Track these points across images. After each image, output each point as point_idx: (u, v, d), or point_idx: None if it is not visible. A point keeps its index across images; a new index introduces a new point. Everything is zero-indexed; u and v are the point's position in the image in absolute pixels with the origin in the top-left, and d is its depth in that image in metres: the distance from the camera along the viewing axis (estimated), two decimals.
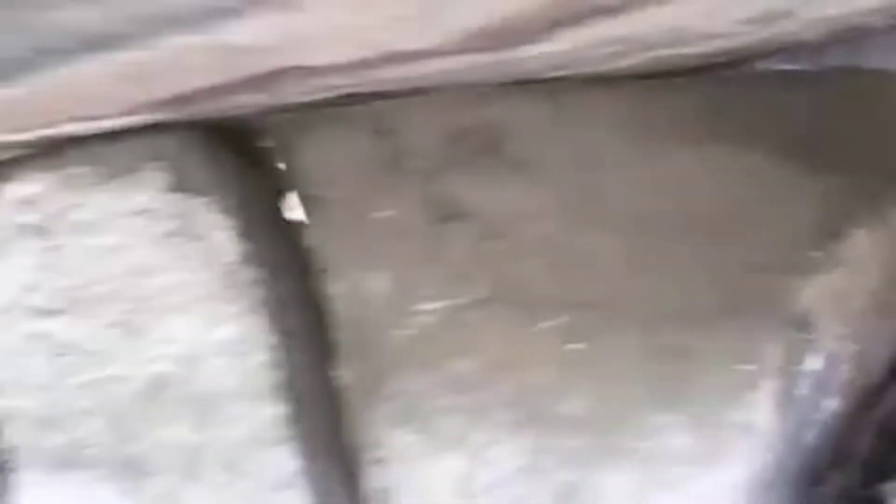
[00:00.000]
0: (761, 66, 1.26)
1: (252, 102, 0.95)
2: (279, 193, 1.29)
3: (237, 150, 1.27)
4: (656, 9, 0.61)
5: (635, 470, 0.81)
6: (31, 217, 1.20)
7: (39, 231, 1.20)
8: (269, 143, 1.29)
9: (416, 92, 1.11)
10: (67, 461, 1.19)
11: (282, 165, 1.27)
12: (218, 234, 1.12)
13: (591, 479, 0.84)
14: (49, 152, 1.22)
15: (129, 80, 0.69)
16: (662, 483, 0.80)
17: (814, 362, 0.90)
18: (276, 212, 1.27)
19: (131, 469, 1.14)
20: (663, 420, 0.80)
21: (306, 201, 1.15)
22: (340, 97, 1.07)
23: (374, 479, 0.98)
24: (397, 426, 0.94)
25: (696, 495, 0.80)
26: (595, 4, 0.59)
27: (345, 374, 1.05)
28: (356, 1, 0.51)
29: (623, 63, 1.04)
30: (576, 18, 0.64)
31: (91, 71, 0.66)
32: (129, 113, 0.94)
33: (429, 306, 1.00)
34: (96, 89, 0.74)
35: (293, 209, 1.24)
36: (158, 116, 1.08)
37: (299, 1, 0.46)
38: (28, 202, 1.21)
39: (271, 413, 1.03)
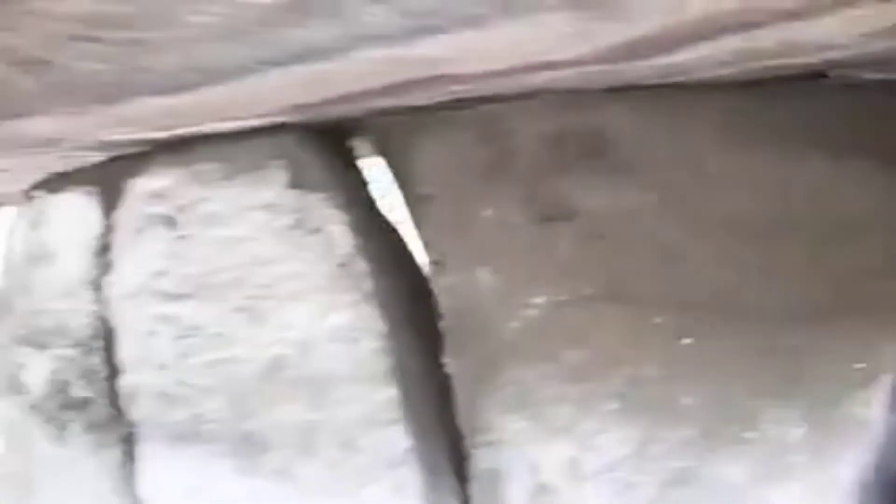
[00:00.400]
0: (859, 74, 1.28)
1: (380, 105, 1.02)
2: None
3: (337, 150, 1.36)
4: (801, 24, 0.65)
5: (747, 461, 0.85)
6: (160, 209, 1.31)
7: (169, 222, 1.30)
8: (367, 143, 1.37)
9: (523, 96, 1.17)
10: (188, 435, 1.29)
11: (378, 164, 1.36)
12: (333, 227, 1.20)
13: (701, 468, 0.88)
14: (177, 149, 1.32)
15: (298, 87, 0.77)
16: (774, 474, 0.84)
17: None
18: (374, 208, 1.35)
19: (248, 444, 1.23)
20: (776, 413, 0.84)
21: (415, 199, 1.22)
22: (451, 101, 1.14)
23: (483, 460, 1.04)
24: (509, 412, 1.00)
25: (807, 488, 0.83)
26: (743, 21, 0.64)
27: (453, 362, 1.11)
28: (535, 20, 0.57)
29: (728, 71, 1.08)
30: (717, 33, 0.68)
31: (269, 80, 0.73)
32: (271, 115, 1.02)
33: (537, 300, 1.06)
34: (261, 95, 0.82)
35: (393, 207, 1.32)
36: (290, 118, 1.17)
37: (496, 18, 0.52)
38: (158, 195, 1.32)
39: (383, 396, 1.11)
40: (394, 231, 1.36)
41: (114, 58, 0.63)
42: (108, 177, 1.40)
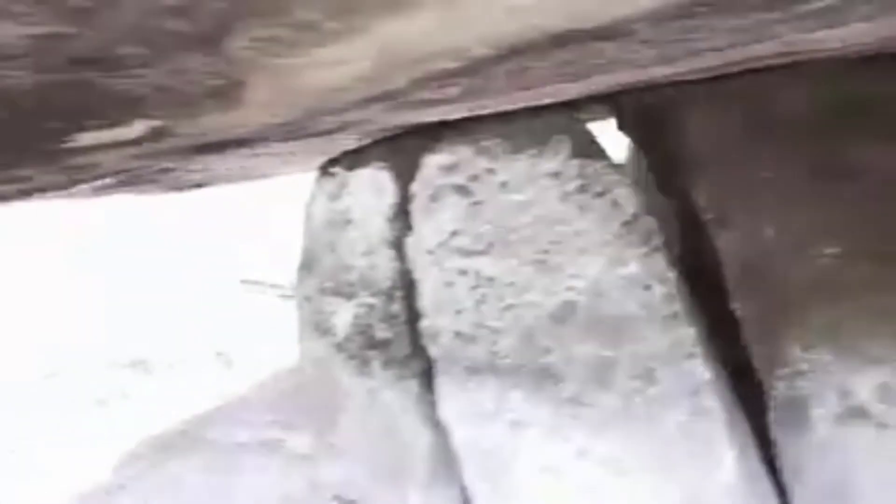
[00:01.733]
0: None
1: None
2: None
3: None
4: None
5: None
6: (454, 179, 1.54)
7: (462, 190, 1.53)
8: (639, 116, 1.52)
9: (789, 66, 1.27)
10: (484, 369, 1.52)
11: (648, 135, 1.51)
12: (618, 190, 1.38)
13: None
14: (462, 128, 1.54)
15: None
16: None
17: None
18: (645, 172, 1.51)
19: (542, 377, 1.45)
20: None
21: (694, 165, 1.36)
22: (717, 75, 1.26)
23: (786, 389, 1.18)
24: (814, 347, 1.14)
25: None
26: None
27: (743, 306, 1.26)
28: None
29: None
30: None
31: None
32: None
33: (829, 251, 1.18)
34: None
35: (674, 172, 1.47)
36: (574, 95, 1.34)
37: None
38: (450, 168, 1.55)
39: (681, 334, 1.27)
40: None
41: None
42: (400, 153, 1.65)
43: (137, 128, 1.07)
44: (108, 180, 2.11)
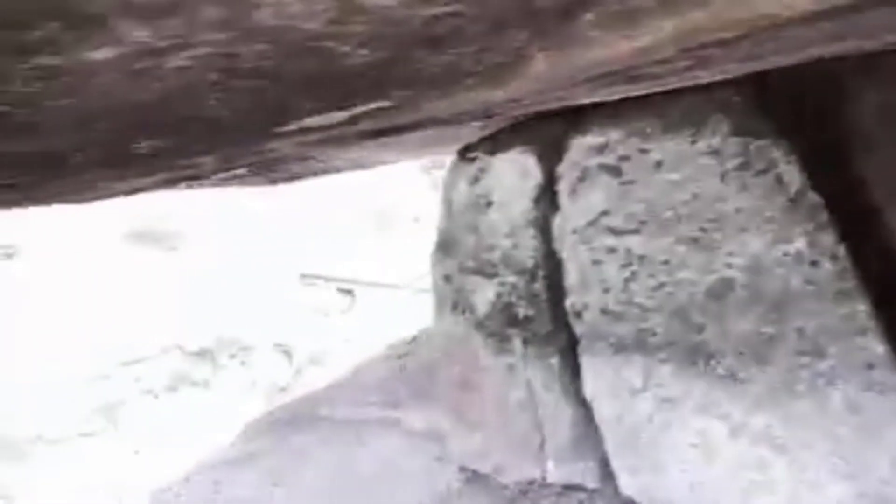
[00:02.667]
0: None
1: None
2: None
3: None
4: None
5: None
6: (604, 159, 1.58)
7: (613, 170, 1.57)
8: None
9: None
10: (632, 346, 1.56)
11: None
12: (782, 167, 1.38)
13: None
14: (611, 110, 1.58)
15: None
16: None
17: None
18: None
19: (694, 353, 1.47)
20: None
21: (863, 145, 1.36)
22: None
23: None
24: None
25: None
26: None
27: None
28: None
29: None
30: None
31: None
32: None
33: None
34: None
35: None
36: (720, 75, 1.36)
37: None
38: (600, 149, 1.59)
39: (852, 309, 1.28)
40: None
41: None
42: (543, 136, 1.70)
43: (350, 112, 1.15)
44: (242, 170, 2.23)
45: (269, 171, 2.70)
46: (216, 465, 2.37)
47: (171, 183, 2.34)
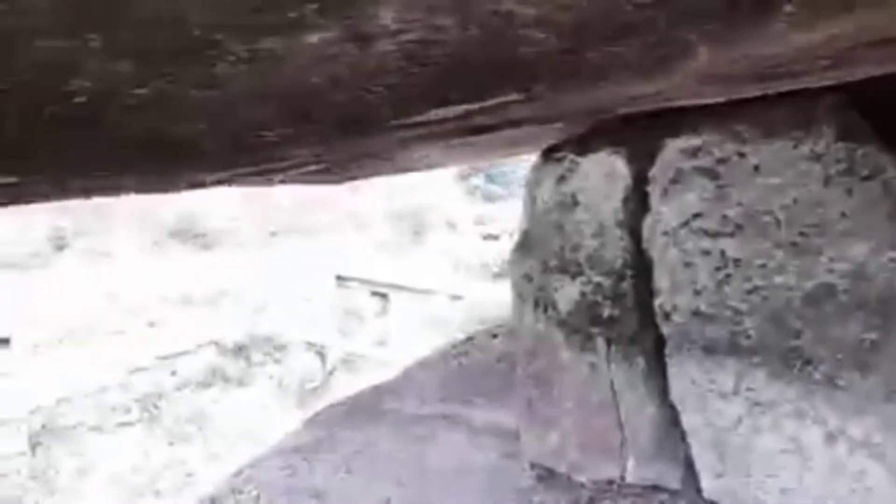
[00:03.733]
0: None
1: None
2: None
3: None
4: None
5: None
6: (699, 162, 1.59)
7: (709, 173, 1.57)
8: None
9: None
10: (723, 348, 1.56)
11: None
12: (890, 172, 1.38)
13: None
14: (709, 113, 1.59)
15: None
16: None
17: None
18: None
19: (790, 358, 1.47)
20: None
21: None
22: None
23: None
24: None
25: None
26: None
27: None
28: None
29: None
30: None
31: None
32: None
33: None
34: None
35: None
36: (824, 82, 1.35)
37: None
38: (695, 151, 1.60)
39: None
40: None
41: None
42: (633, 138, 1.72)
43: (481, 104, 1.18)
44: (312, 167, 2.28)
45: (344, 168, 2.76)
46: (287, 452, 2.43)
47: (247, 177, 2.41)
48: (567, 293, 1.80)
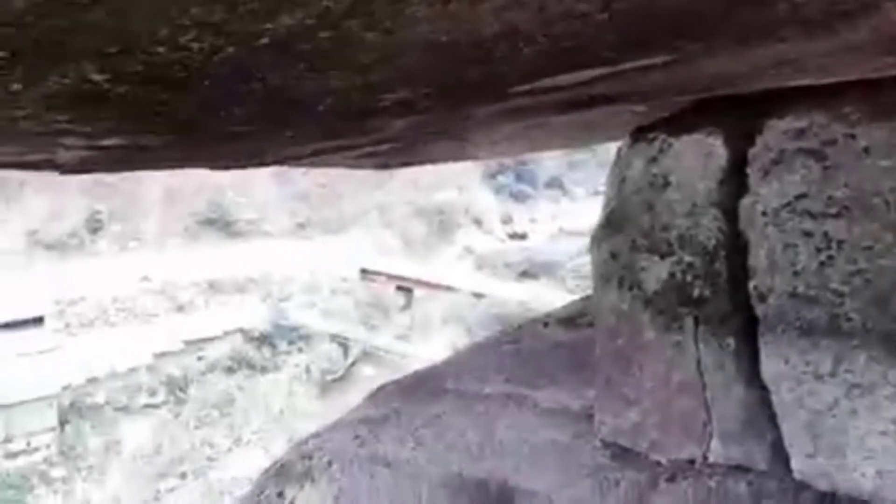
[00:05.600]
0: None
1: None
2: None
3: None
4: None
5: None
6: (804, 144, 1.59)
7: (814, 154, 1.58)
8: None
9: None
10: (822, 331, 1.56)
11: None
12: None
13: None
14: (815, 94, 1.59)
15: None
16: None
17: None
18: None
19: (893, 341, 1.47)
20: None
21: None
22: None
23: None
24: None
25: None
26: None
27: None
28: None
29: None
30: None
31: None
32: None
33: None
34: None
35: None
36: None
37: None
38: (799, 133, 1.60)
39: None
40: None
41: None
42: (730, 118, 1.73)
43: (613, 69, 1.19)
44: (385, 146, 2.30)
45: (409, 152, 2.78)
46: (353, 424, 2.47)
47: (327, 154, 2.44)
48: (655, 272, 1.81)
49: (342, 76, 1.12)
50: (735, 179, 1.70)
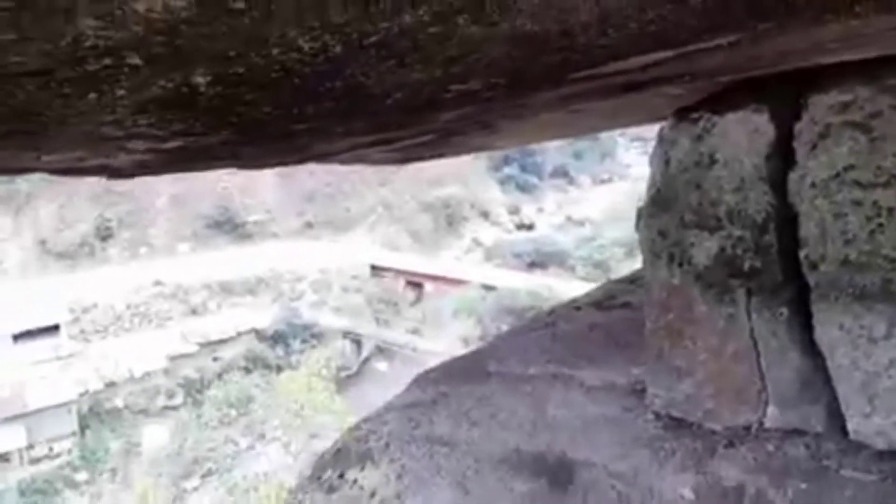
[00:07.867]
0: None
1: None
2: None
3: None
4: None
5: None
6: (850, 117, 1.65)
7: (860, 127, 1.63)
8: None
9: None
10: (874, 295, 1.62)
11: None
12: None
13: None
14: (857, 69, 1.65)
15: None
16: None
17: None
18: None
19: None
20: None
21: None
22: None
23: None
24: None
25: None
26: None
27: None
28: None
29: None
30: None
31: None
32: None
33: None
34: None
35: None
36: None
37: None
38: (845, 106, 1.66)
39: None
40: None
41: None
42: (775, 95, 1.79)
43: (681, 51, 1.24)
44: (427, 136, 2.35)
45: (442, 144, 2.83)
46: (404, 407, 2.55)
47: (366, 148, 2.49)
48: (705, 247, 1.88)
49: (425, 69, 1.16)
50: (781, 154, 1.76)
